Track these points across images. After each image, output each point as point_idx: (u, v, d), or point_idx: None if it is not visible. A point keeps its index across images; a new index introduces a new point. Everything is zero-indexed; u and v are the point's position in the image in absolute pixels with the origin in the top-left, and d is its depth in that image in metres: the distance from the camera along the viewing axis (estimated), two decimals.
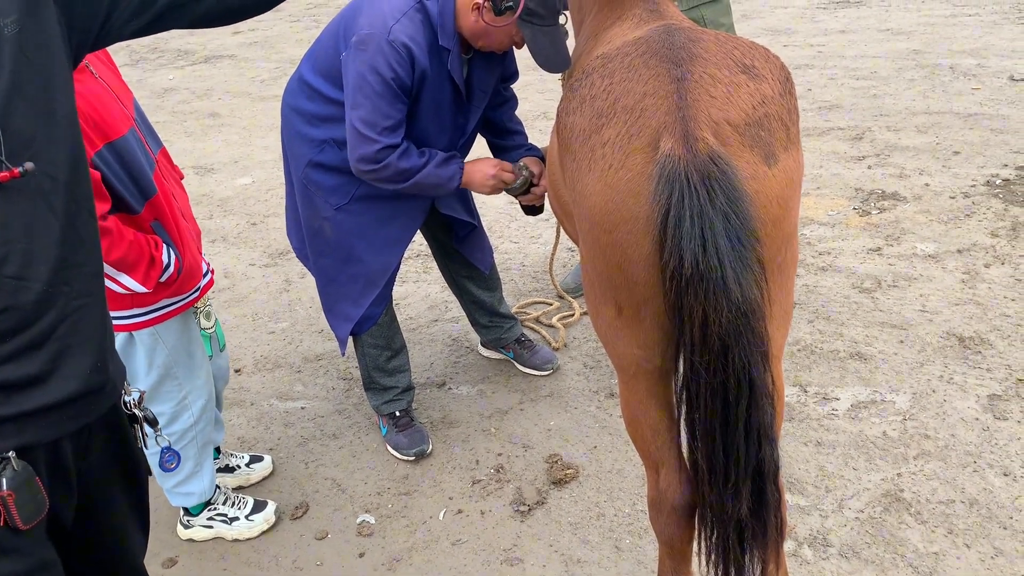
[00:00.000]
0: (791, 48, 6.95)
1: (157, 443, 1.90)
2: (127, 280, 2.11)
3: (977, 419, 2.81)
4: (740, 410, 1.55)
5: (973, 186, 4.30)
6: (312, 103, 2.65)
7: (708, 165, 1.49)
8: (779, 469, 1.64)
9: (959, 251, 3.77)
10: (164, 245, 2.19)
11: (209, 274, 2.48)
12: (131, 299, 2.21)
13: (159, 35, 11.40)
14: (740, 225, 1.48)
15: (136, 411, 1.51)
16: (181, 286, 2.27)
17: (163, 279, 2.18)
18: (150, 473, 1.60)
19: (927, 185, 4.38)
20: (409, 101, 2.53)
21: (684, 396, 1.61)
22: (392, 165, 2.50)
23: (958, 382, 2.99)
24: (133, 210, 2.13)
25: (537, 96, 6.48)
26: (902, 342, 3.23)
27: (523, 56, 2.70)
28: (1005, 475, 2.57)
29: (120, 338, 2.29)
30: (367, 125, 2.45)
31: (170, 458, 2.04)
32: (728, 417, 1.56)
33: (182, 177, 2.51)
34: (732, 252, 1.47)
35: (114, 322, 2.23)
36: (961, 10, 7.31)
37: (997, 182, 4.30)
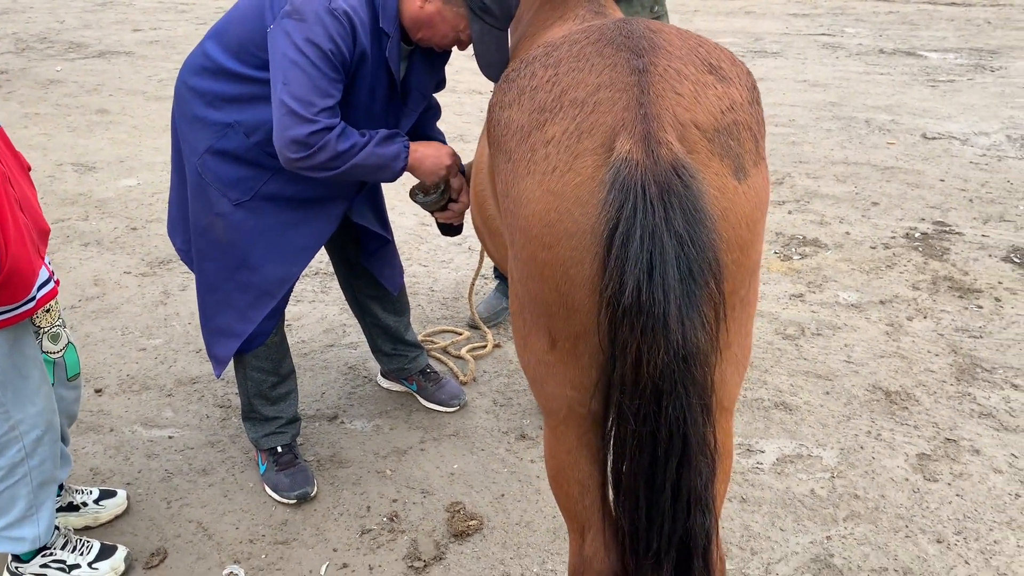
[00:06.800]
0: None
1: None
2: None
3: (907, 479, 2.64)
4: (669, 469, 1.30)
5: (893, 238, 4.24)
6: (216, 81, 2.29)
7: (670, 176, 1.24)
8: (711, 543, 1.39)
9: (881, 302, 3.67)
10: None
11: (52, 283, 2.08)
12: None
13: (51, 25, 10.67)
14: (696, 255, 1.23)
15: None
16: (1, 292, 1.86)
17: None
18: None
19: (847, 234, 4.31)
20: (346, 80, 2.21)
21: (612, 444, 1.36)
22: (330, 147, 2.14)
23: (886, 439, 2.83)
24: None
25: (454, 118, 6.23)
26: (828, 393, 3.07)
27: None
28: (939, 542, 2.40)
29: None
30: (301, 104, 2.09)
31: None
32: (655, 476, 1.31)
33: (29, 168, 2.13)
34: (680, 286, 1.22)
35: None
36: (874, 68, 7.46)
37: (916, 235, 4.25)
